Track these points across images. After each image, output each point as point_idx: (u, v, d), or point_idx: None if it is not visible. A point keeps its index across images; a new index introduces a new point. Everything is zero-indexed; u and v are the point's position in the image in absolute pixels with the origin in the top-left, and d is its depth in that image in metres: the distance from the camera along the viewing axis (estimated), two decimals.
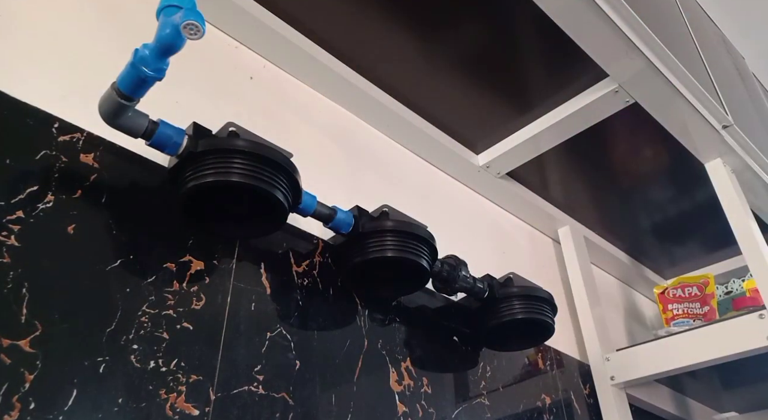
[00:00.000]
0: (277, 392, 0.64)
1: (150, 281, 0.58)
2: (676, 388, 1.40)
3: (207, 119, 0.62)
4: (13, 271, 0.49)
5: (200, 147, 0.58)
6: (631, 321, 1.55)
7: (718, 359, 1.01)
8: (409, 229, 0.74)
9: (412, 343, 0.84)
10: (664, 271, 1.66)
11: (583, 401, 1.13)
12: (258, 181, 0.58)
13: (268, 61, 0.90)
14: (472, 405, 0.88)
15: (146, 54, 0.51)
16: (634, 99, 0.99)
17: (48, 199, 0.54)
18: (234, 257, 0.68)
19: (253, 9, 0.85)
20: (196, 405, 0.56)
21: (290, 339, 0.68)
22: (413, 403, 0.79)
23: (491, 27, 0.93)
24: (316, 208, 0.70)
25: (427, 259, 0.75)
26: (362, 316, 0.79)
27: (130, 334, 0.55)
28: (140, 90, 0.53)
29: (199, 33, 0.50)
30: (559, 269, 1.35)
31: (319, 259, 0.78)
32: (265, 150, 0.59)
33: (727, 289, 1.50)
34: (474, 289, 0.87)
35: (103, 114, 0.55)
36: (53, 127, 0.58)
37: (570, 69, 0.99)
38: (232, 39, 0.86)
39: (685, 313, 1.36)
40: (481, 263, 0.92)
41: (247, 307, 0.66)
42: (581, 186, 1.30)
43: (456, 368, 0.90)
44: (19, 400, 0.45)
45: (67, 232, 0.55)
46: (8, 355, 0.46)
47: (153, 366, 0.55)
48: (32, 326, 0.49)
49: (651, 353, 1.10)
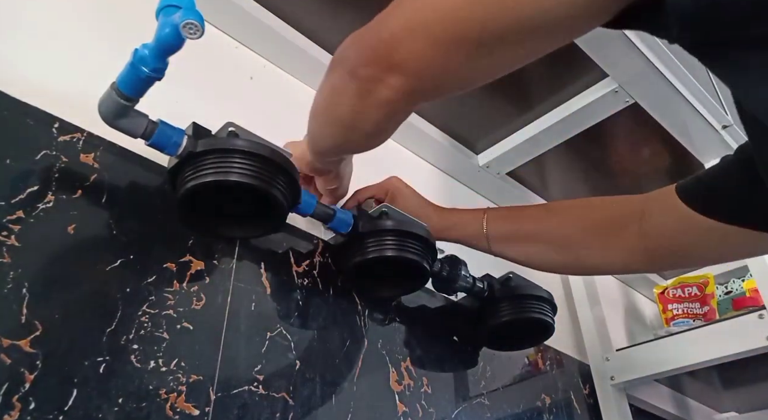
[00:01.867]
0: (277, 392, 0.64)
1: (150, 281, 0.58)
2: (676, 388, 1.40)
3: (207, 119, 0.62)
4: (13, 271, 0.49)
5: (200, 147, 0.58)
6: (631, 321, 1.55)
7: (718, 359, 1.00)
8: (409, 229, 0.74)
9: (412, 343, 0.84)
10: (664, 271, 1.66)
11: (583, 401, 1.13)
12: (257, 181, 0.58)
13: (268, 61, 0.90)
14: (472, 405, 0.88)
15: (146, 54, 0.51)
16: (634, 99, 0.99)
17: (48, 199, 0.54)
18: (234, 257, 0.68)
19: (253, 9, 0.85)
20: (196, 405, 0.56)
21: (290, 339, 0.68)
22: (413, 403, 0.79)
23: None
24: (315, 208, 0.70)
25: (427, 259, 0.75)
26: (362, 316, 0.79)
27: (130, 334, 0.55)
28: (140, 90, 0.53)
29: (199, 32, 0.50)
30: None
31: (319, 259, 0.78)
32: (265, 150, 0.59)
33: (727, 289, 1.50)
34: (474, 289, 0.87)
35: (103, 114, 0.55)
36: (53, 127, 0.58)
37: (570, 69, 0.99)
38: (232, 39, 0.86)
39: (685, 313, 1.36)
40: (481, 263, 0.92)
41: (247, 307, 0.66)
42: (581, 186, 1.30)
43: (456, 368, 0.90)
44: (19, 400, 0.45)
45: (67, 232, 0.55)
46: (8, 355, 0.46)
47: (153, 366, 0.55)
48: (32, 326, 0.49)
49: (651, 353, 1.10)
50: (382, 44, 0.46)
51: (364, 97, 0.50)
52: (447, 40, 0.43)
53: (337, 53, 0.53)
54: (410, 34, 0.44)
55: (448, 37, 0.43)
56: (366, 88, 0.49)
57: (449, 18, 0.42)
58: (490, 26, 0.41)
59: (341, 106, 0.53)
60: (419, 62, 0.45)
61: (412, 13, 0.44)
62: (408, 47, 0.44)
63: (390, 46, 0.45)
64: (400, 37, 0.44)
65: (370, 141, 0.59)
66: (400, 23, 0.45)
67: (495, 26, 0.41)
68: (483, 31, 0.42)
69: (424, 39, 0.43)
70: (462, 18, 0.42)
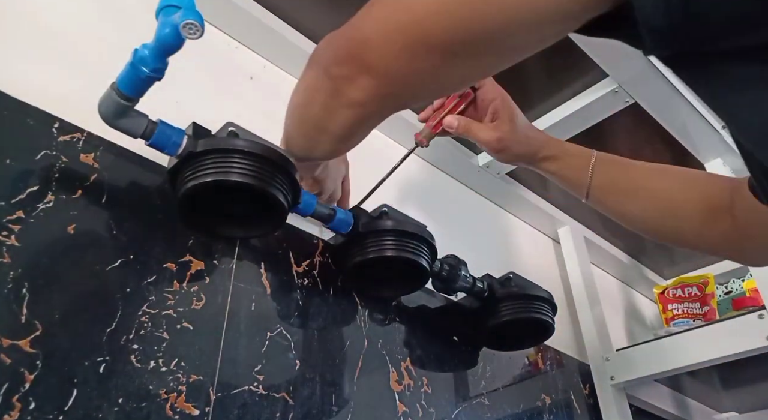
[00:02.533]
0: (277, 392, 0.64)
1: (150, 281, 0.58)
2: (676, 388, 1.40)
3: (207, 119, 0.62)
4: (13, 271, 0.49)
5: (200, 147, 0.58)
6: (631, 321, 1.55)
7: (718, 359, 1.01)
8: (409, 229, 0.74)
9: (412, 343, 0.84)
10: (664, 271, 1.66)
11: (583, 401, 1.13)
12: (257, 181, 0.58)
13: (268, 61, 0.90)
14: (472, 405, 0.88)
15: (146, 54, 0.51)
16: (634, 99, 0.99)
17: (48, 199, 0.54)
18: (234, 257, 0.68)
19: (253, 9, 0.85)
20: (196, 405, 0.56)
21: (290, 339, 0.68)
22: (413, 403, 0.79)
23: None
24: (315, 208, 0.70)
25: (427, 259, 0.75)
26: (362, 316, 0.79)
27: (130, 334, 0.55)
28: (140, 90, 0.53)
29: (199, 32, 0.50)
30: (559, 269, 1.35)
31: (319, 259, 0.78)
32: (265, 150, 0.59)
33: (727, 289, 1.50)
34: (474, 289, 0.87)
35: (103, 114, 0.55)
36: (53, 127, 0.58)
37: (570, 69, 0.99)
38: (232, 39, 0.86)
39: (685, 313, 1.36)
40: (481, 263, 0.92)
41: (247, 307, 0.66)
42: None
43: (456, 368, 0.90)
44: (19, 400, 0.45)
45: (67, 232, 0.55)
46: (8, 355, 0.46)
47: (153, 366, 0.55)
48: (32, 326, 0.49)
49: (651, 353, 1.10)
50: (354, 44, 0.46)
51: (336, 96, 0.50)
52: (417, 46, 0.43)
53: (314, 51, 0.53)
54: (383, 36, 0.44)
55: (419, 43, 0.43)
56: (338, 87, 0.49)
57: (421, 23, 0.42)
58: (461, 35, 0.41)
59: (314, 105, 0.53)
60: (390, 65, 0.45)
61: (387, 15, 0.44)
62: (380, 49, 0.44)
63: (362, 47, 0.45)
64: (373, 38, 0.45)
65: (339, 145, 0.58)
66: (374, 25, 0.45)
67: (465, 35, 0.41)
68: (453, 39, 0.42)
69: (395, 42, 0.43)
70: (433, 24, 0.42)
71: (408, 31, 0.43)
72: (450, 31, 0.42)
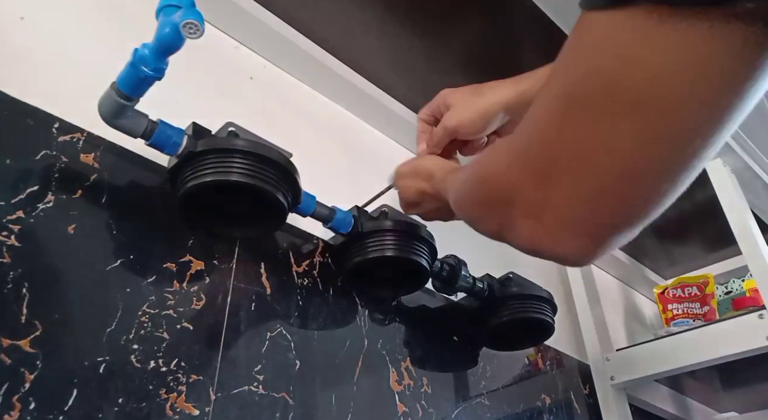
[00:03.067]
0: (277, 392, 0.64)
1: (150, 281, 0.58)
2: (676, 388, 1.40)
3: (207, 119, 0.62)
4: (13, 271, 0.49)
5: (200, 147, 0.58)
6: (631, 321, 1.55)
7: (718, 359, 1.00)
8: (409, 229, 0.74)
9: (412, 343, 0.84)
10: (664, 271, 1.66)
11: (583, 401, 1.13)
12: (257, 181, 0.58)
13: (268, 61, 0.90)
14: (472, 405, 0.88)
15: (146, 54, 0.51)
16: None
17: (48, 199, 0.54)
18: (234, 257, 0.68)
19: (253, 9, 0.85)
20: (196, 405, 0.56)
21: (290, 339, 0.68)
22: (413, 403, 0.79)
23: (492, 28, 0.93)
24: (315, 208, 0.70)
25: (427, 259, 0.75)
26: (362, 316, 0.79)
27: (130, 334, 0.55)
28: (140, 90, 0.53)
29: (199, 32, 0.50)
30: (559, 269, 1.35)
31: (319, 259, 0.78)
32: (265, 150, 0.59)
33: (727, 289, 1.50)
34: (474, 289, 0.87)
35: (103, 114, 0.55)
36: (53, 127, 0.58)
37: None
38: (232, 39, 0.86)
39: (685, 313, 1.36)
40: (481, 263, 0.92)
41: (247, 307, 0.66)
42: None
43: (456, 368, 0.90)
44: (19, 400, 0.45)
45: (67, 232, 0.55)
46: (8, 355, 0.46)
47: (153, 366, 0.55)
48: (32, 326, 0.49)
49: (651, 353, 1.10)
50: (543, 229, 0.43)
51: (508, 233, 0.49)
52: (605, 236, 0.41)
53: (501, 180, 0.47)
54: (570, 233, 0.41)
55: (607, 236, 0.41)
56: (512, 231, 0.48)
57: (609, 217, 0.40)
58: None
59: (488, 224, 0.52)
60: (575, 255, 0.43)
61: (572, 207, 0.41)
62: (567, 243, 0.42)
63: (552, 237, 0.43)
64: (560, 233, 0.42)
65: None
66: (562, 214, 0.41)
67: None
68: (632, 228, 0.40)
69: (582, 236, 0.41)
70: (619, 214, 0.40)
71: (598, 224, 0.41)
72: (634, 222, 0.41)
